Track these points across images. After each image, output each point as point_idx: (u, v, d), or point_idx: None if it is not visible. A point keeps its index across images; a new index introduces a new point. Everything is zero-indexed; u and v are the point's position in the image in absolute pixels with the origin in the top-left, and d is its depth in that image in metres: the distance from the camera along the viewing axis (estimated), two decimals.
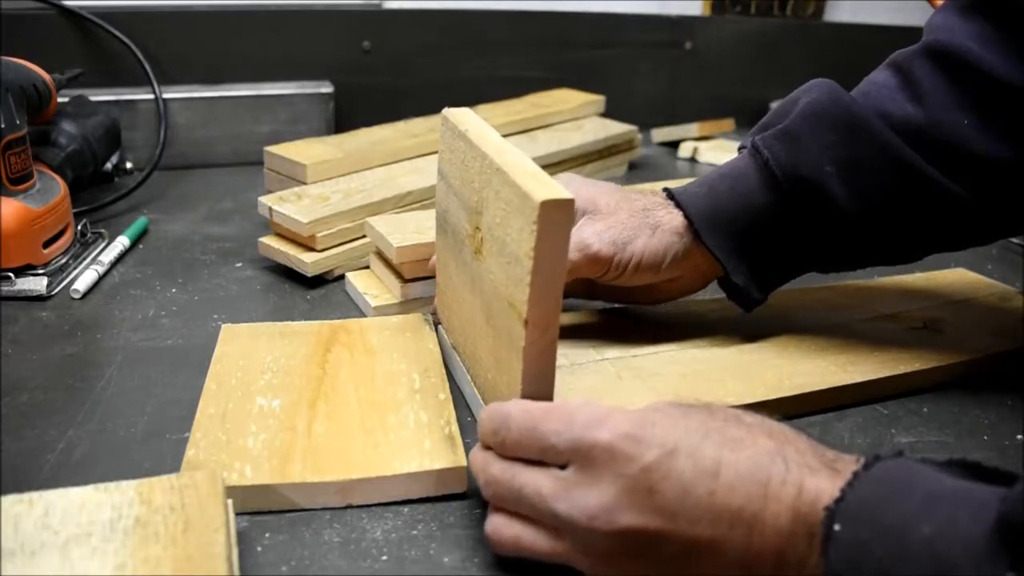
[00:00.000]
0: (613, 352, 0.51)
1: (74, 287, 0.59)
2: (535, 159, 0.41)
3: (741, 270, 0.50)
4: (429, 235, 0.54)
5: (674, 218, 0.50)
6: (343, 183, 0.69)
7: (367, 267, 0.63)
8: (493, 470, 0.36)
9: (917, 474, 0.31)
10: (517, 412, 0.36)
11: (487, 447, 0.37)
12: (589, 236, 0.49)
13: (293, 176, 0.69)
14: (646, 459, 0.32)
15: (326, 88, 0.93)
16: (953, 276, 0.65)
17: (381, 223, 0.59)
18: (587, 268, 0.49)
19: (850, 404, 0.50)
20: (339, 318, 0.56)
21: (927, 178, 0.47)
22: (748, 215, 0.49)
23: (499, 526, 0.35)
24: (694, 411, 0.35)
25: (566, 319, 0.53)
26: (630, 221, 0.50)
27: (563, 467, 0.34)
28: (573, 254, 0.48)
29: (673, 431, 0.33)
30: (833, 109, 0.48)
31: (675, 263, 0.50)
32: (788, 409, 0.48)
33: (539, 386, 0.38)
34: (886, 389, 0.50)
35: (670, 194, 0.51)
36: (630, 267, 0.49)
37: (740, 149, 0.52)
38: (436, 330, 0.53)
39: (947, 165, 0.47)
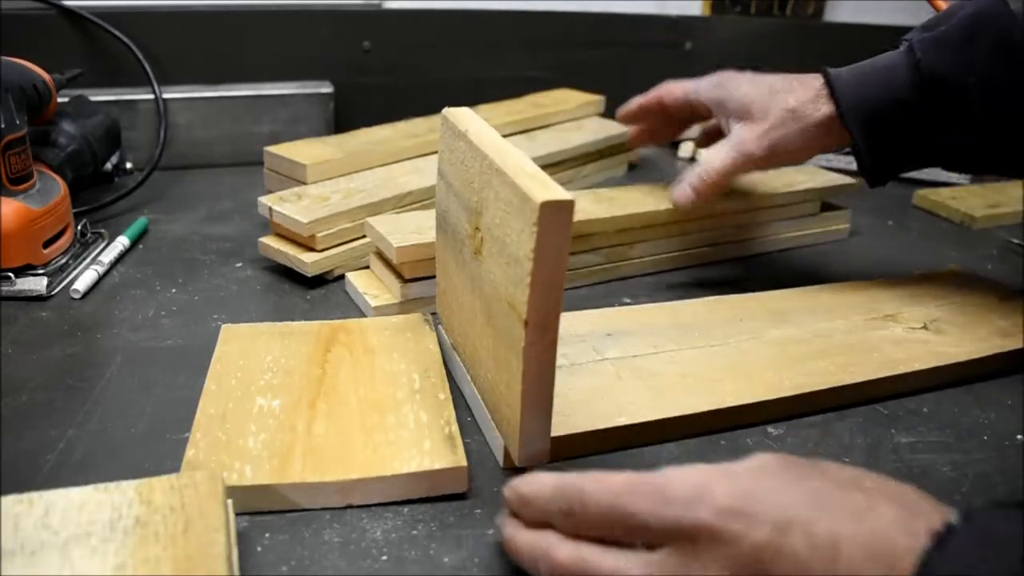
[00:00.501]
0: (613, 352, 0.51)
1: (74, 287, 0.59)
2: (535, 159, 0.41)
3: (874, 157, 0.56)
4: (429, 235, 0.54)
5: (821, 110, 0.56)
6: (343, 183, 0.69)
7: (367, 267, 0.63)
8: (561, 556, 0.31)
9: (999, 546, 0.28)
10: (593, 487, 0.32)
11: (541, 525, 0.33)
12: (750, 143, 0.57)
13: (293, 176, 0.69)
14: (755, 537, 0.29)
15: (326, 88, 0.92)
16: (953, 276, 0.65)
17: (381, 223, 0.59)
18: (745, 169, 0.59)
19: (850, 404, 0.50)
20: (339, 318, 0.56)
21: None
22: (892, 109, 0.54)
23: None
24: (807, 475, 0.31)
25: (566, 319, 0.53)
26: (781, 122, 0.57)
27: (649, 547, 0.30)
28: (738, 158, 0.58)
29: (784, 501, 0.29)
30: (996, 24, 0.50)
31: (812, 149, 0.58)
32: (788, 409, 0.48)
33: (539, 386, 0.38)
34: (886, 389, 0.50)
35: (827, 80, 0.56)
36: (778, 163, 0.59)
37: (902, 43, 0.55)
38: (436, 330, 0.53)
39: None
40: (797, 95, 0.57)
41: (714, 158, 0.59)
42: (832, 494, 0.30)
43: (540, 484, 0.33)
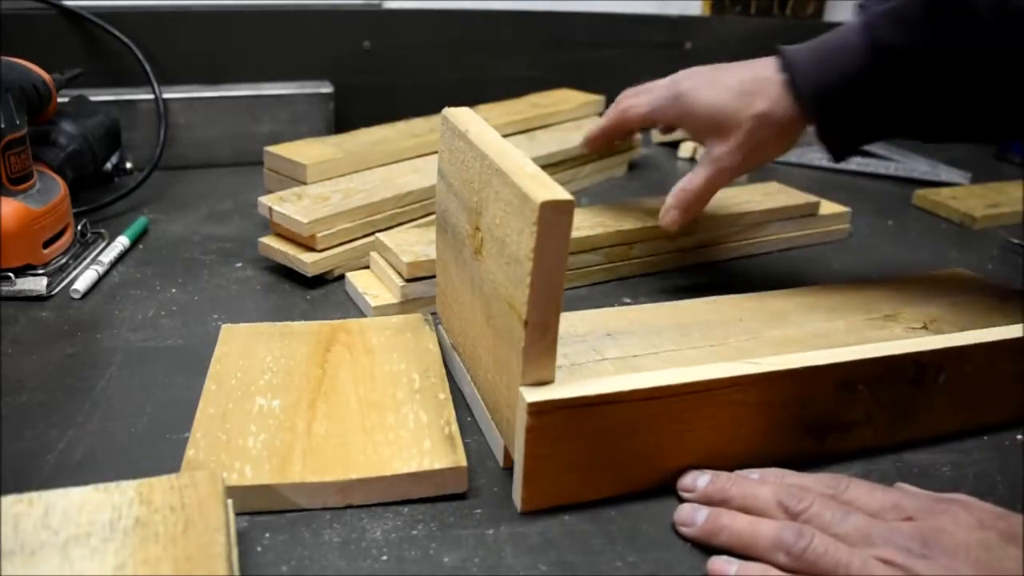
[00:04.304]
0: (613, 352, 0.51)
1: (74, 287, 0.59)
2: (535, 159, 0.41)
3: (837, 137, 0.57)
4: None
5: (787, 108, 0.55)
6: (343, 183, 0.69)
7: (367, 267, 0.63)
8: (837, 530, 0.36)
9: None
10: (853, 483, 0.40)
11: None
12: (725, 158, 0.57)
13: (293, 176, 0.69)
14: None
15: (326, 88, 0.93)
16: (953, 276, 0.65)
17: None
18: (724, 182, 0.59)
19: None
20: (339, 318, 0.56)
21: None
22: (852, 91, 0.53)
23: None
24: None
25: (566, 319, 0.53)
26: (753, 130, 0.56)
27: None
28: (716, 175, 0.58)
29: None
30: None
31: (785, 147, 0.58)
32: None
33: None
34: None
35: (786, 69, 0.56)
36: (756, 167, 0.60)
37: (859, 7, 0.57)
38: (436, 330, 0.53)
39: None
40: (764, 96, 0.56)
41: (693, 178, 0.59)
42: None
43: (792, 474, 0.41)
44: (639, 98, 0.64)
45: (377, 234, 0.62)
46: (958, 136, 0.57)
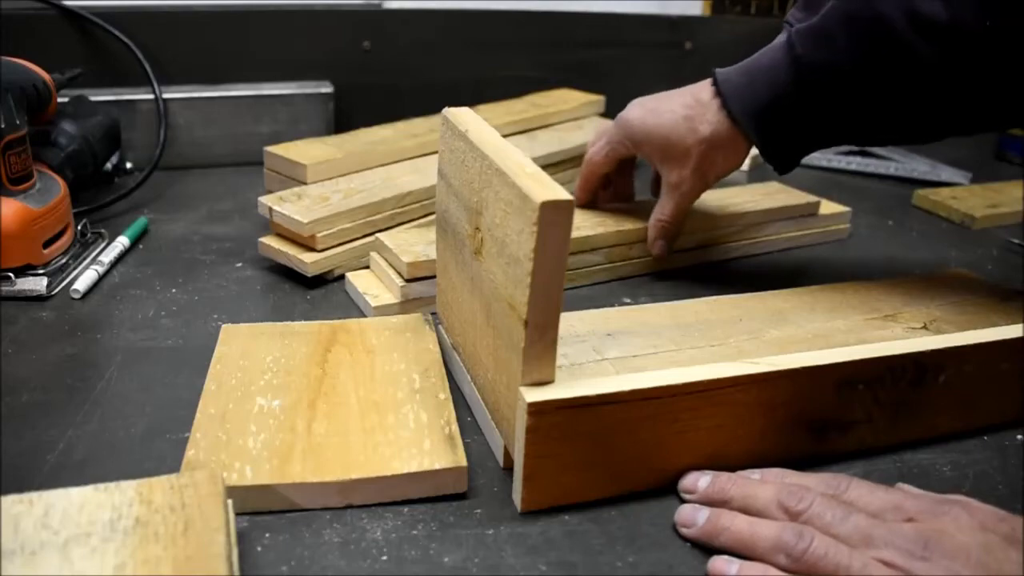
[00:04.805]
0: (613, 352, 0.51)
1: (74, 287, 0.59)
2: (535, 159, 0.41)
3: (774, 150, 0.59)
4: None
5: (727, 128, 0.58)
6: (343, 183, 0.69)
7: (367, 267, 0.63)
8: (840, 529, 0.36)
9: None
10: (854, 483, 0.39)
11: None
12: (684, 183, 0.61)
13: (293, 176, 0.69)
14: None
15: (326, 88, 0.93)
16: (953, 276, 0.65)
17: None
18: (691, 203, 0.63)
19: None
20: (339, 318, 0.56)
21: (946, 77, 0.50)
22: (782, 106, 0.56)
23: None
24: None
25: (566, 319, 0.53)
26: (702, 155, 0.59)
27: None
28: (682, 200, 0.62)
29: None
30: (864, 10, 0.51)
31: (738, 161, 0.61)
32: None
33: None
34: None
35: (719, 92, 0.58)
36: (716, 182, 0.62)
37: (785, 23, 0.59)
38: (436, 330, 0.53)
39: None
40: (704, 120, 0.59)
41: (663, 208, 0.63)
42: None
43: (793, 473, 0.41)
44: (596, 144, 0.66)
45: (377, 234, 0.62)
46: (893, 140, 0.60)
